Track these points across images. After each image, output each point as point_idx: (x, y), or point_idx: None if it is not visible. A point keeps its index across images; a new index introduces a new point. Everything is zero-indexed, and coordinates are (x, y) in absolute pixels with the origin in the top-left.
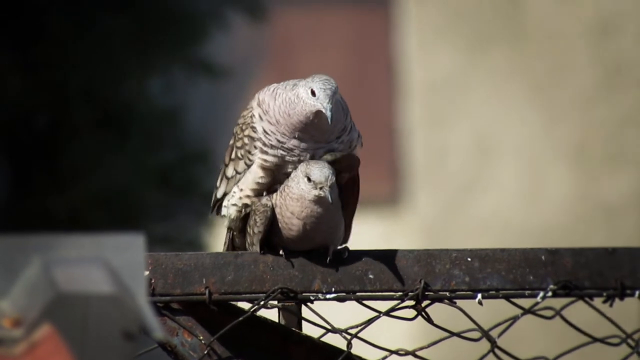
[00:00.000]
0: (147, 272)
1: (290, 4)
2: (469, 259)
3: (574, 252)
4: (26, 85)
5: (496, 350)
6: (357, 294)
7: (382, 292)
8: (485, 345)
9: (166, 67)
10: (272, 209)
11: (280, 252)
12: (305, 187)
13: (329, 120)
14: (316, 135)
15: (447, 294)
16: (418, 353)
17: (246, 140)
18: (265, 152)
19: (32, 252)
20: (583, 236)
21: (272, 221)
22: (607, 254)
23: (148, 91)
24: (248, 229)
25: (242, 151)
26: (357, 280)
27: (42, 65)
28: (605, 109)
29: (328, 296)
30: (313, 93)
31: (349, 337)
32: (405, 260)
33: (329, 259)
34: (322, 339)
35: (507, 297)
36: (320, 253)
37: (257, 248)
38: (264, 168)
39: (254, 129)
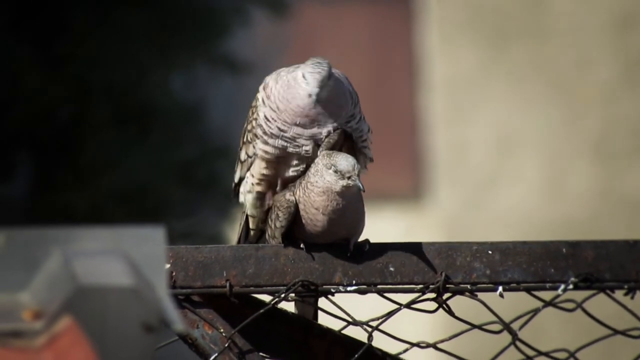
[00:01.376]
0: (168, 265)
1: (311, 0)
2: (490, 252)
3: (594, 245)
4: (47, 81)
5: (517, 343)
6: (378, 286)
7: (403, 284)
8: (506, 337)
9: (188, 62)
10: (296, 205)
11: (301, 245)
12: (331, 179)
13: (312, 104)
14: (320, 119)
15: (468, 286)
16: (439, 345)
17: (254, 123)
18: (266, 142)
19: (52, 244)
20: (604, 230)
21: (294, 216)
22: (628, 246)
23: (170, 87)
24: (269, 222)
25: (251, 134)
26: (378, 273)
27: (63, 61)
28: (626, 104)
29: (349, 289)
30: (304, 77)
31: (370, 329)
32: (426, 253)
33: (349, 252)
34: (343, 332)
35: (528, 290)
36: (341, 246)
37: (278, 241)
38: (265, 160)
39: (258, 113)
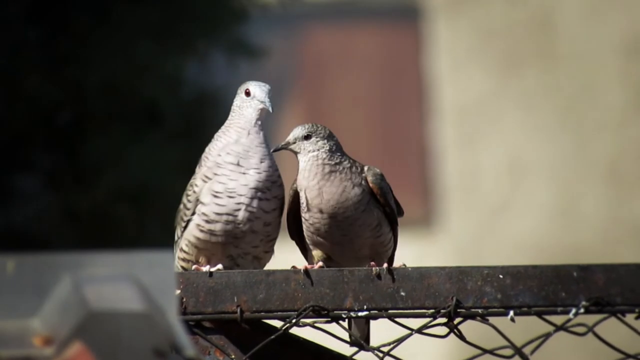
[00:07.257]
0: (178, 291)
1: (321, 25)
2: (501, 276)
3: (605, 269)
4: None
5: None
6: (389, 311)
7: (414, 309)
8: None
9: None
10: (297, 193)
11: (320, 263)
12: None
13: (270, 109)
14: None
15: (479, 311)
16: None
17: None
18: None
19: (63, 270)
20: (615, 256)
21: (297, 207)
22: (639, 270)
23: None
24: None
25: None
26: (389, 298)
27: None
28: (636, 129)
29: (360, 314)
30: (247, 94)
31: (381, 355)
32: (436, 277)
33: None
34: (355, 357)
35: (539, 314)
36: (351, 271)
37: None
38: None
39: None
